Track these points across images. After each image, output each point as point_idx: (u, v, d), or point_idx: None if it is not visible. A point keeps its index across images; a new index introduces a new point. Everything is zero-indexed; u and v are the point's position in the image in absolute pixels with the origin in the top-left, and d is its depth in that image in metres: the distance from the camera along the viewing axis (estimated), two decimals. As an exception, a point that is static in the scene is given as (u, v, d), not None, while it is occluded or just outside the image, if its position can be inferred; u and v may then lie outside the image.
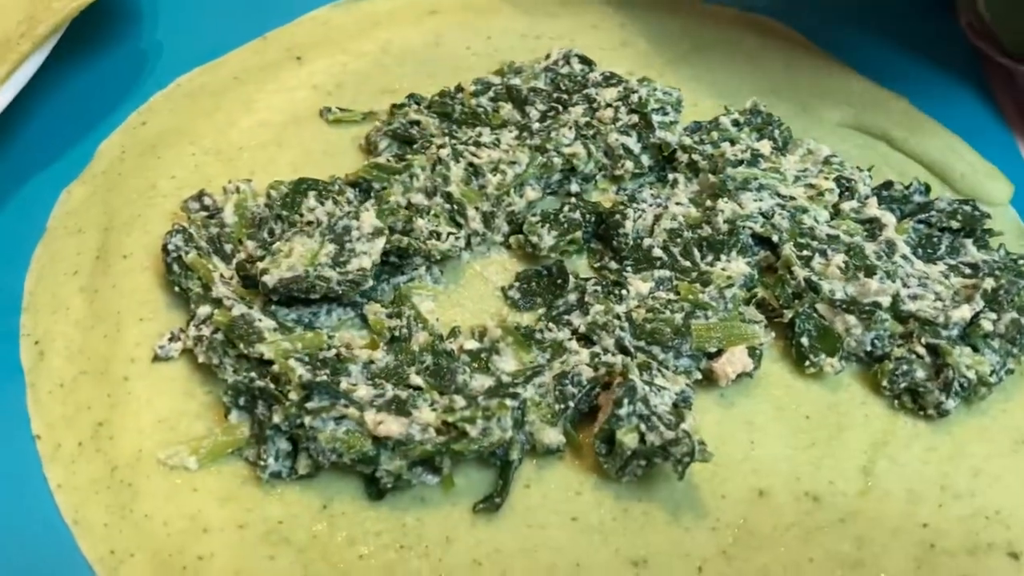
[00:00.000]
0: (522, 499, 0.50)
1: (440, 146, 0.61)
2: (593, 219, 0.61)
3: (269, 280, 0.53)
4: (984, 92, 0.75)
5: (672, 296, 0.55)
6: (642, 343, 0.53)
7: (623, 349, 0.53)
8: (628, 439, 0.48)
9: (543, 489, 0.50)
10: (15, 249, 0.60)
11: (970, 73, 0.76)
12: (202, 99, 0.69)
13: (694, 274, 0.57)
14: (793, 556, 0.48)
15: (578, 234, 0.60)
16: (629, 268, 0.58)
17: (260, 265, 0.54)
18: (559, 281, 0.58)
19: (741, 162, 0.62)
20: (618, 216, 0.60)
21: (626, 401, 0.49)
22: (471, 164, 0.61)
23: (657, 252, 0.58)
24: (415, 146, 0.63)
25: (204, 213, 0.59)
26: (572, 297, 0.57)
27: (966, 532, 0.50)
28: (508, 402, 0.49)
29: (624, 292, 0.56)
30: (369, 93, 0.69)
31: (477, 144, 0.62)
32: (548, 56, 0.71)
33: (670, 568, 0.48)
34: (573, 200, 0.62)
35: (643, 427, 0.49)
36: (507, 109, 0.67)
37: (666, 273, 0.57)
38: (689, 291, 0.55)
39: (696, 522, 0.49)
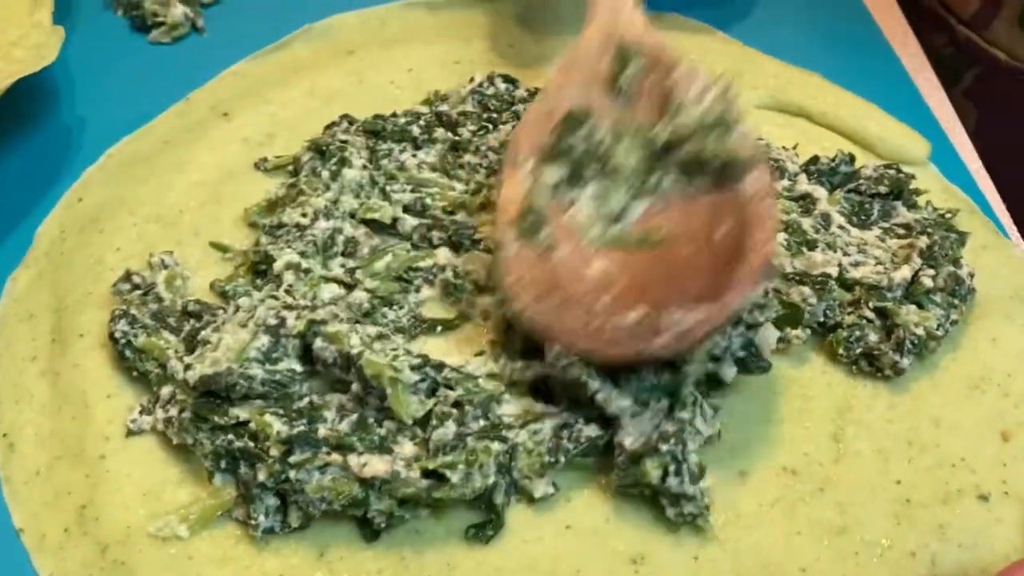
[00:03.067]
0: (514, 515, 0.51)
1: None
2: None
3: (191, 378, 0.51)
4: (890, 58, 0.78)
5: None
6: None
7: None
8: (654, 473, 0.49)
9: (532, 501, 0.51)
10: (-33, 343, 0.59)
11: (874, 42, 0.80)
12: (134, 167, 0.69)
13: None
14: (781, 530, 0.50)
15: None
16: None
17: (186, 360, 0.53)
18: None
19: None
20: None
21: (672, 440, 0.50)
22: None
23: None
24: (331, 159, 0.65)
25: (138, 292, 0.59)
26: None
27: (936, 482, 0.52)
28: (495, 446, 0.50)
29: None
30: (301, 139, 0.70)
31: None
32: (472, 80, 0.72)
33: (668, 560, 0.49)
34: None
35: (671, 468, 0.49)
36: (440, 132, 0.68)
37: None
38: None
39: (685, 512, 0.51)
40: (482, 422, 0.52)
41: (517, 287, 0.52)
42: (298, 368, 0.53)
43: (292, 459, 0.49)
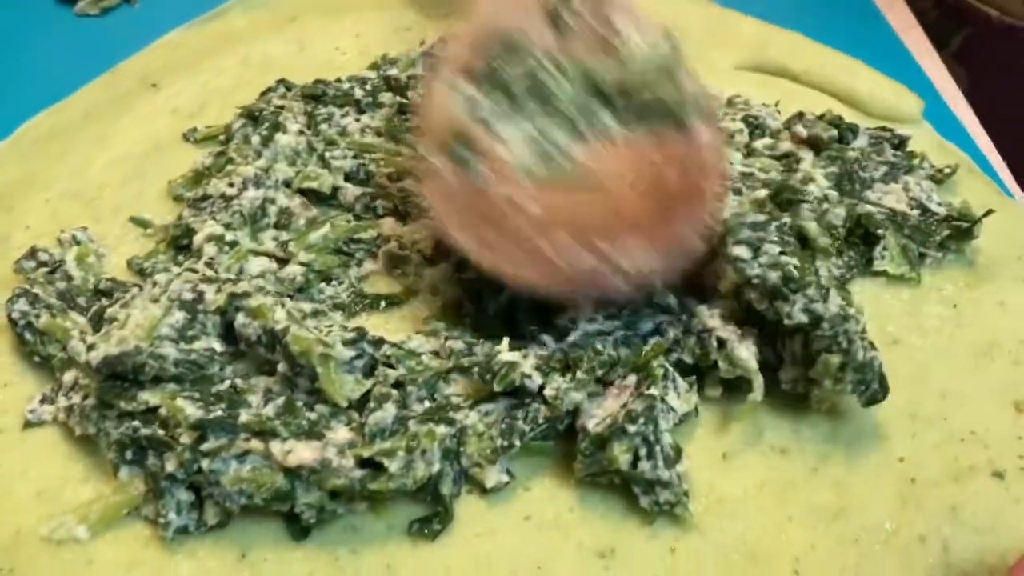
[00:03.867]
0: (464, 505, 0.44)
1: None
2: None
3: (93, 359, 0.44)
4: (875, 16, 0.73)
5: None
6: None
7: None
8: (622, 458, 0.43)
9: (485, 492, 0.45)
10: None
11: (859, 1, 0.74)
12: (51, 143, 0.63)
13: None
14: (771, 517, 0.44)
15: None
16: None
17: (88, 339, 0.47)
18: None
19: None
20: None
21: (642, 420, 0.44)
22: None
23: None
24: (264, 123, 0.59)
25: (44, 269, 0.53)
26: None
27: (945, 459, 0.46)
28: (440, 429, 0.44)
29: None
30: (235, 109, 0.64)
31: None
32: (423, 43, 0.67)
33: (641, 553, 0.43)
34: None
35: (642, 451, 0.43)
36: (387, 96, 0.62)
37: None
38: None
39: (660, 500, 0.44)
40: (427, 404, 0.46)
41: (445, 213, 0.46)
42: (218, 348, 0.47)
43: (205, 446, 0.42)
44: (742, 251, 0.48)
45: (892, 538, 0.43)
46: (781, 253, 0.47)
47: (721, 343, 0.47)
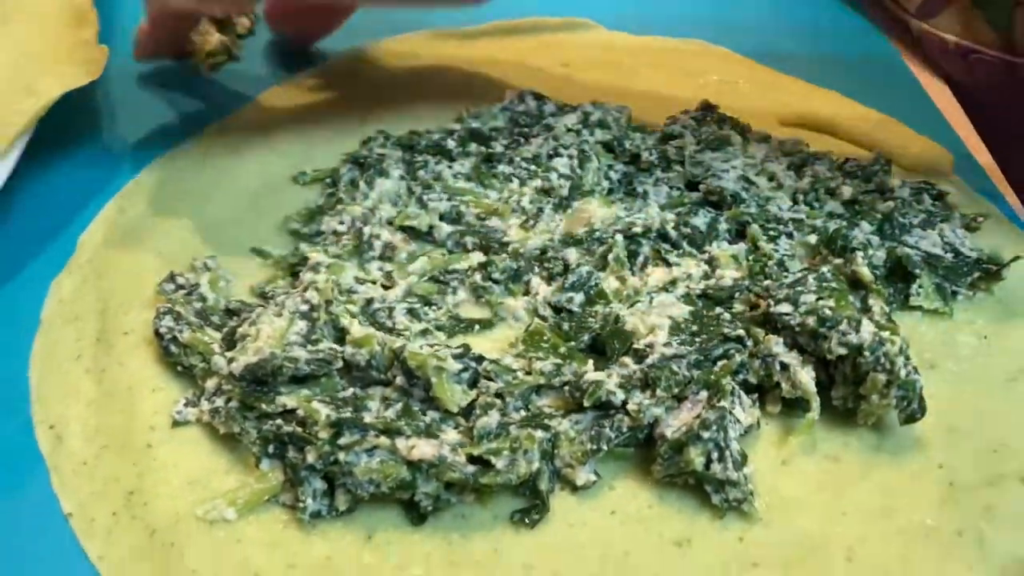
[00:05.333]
0: (558, 502, 0.51)
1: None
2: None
3: (236, 369, 0.52)
4: (904, 74, 0.80)
5: None
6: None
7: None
8: (697, 460, 0.49)
9: (575, 489, 0.51)
10: (12, 344, 0.60)
11: (891, 63, 0.82)
12: (174, 182, 0.71)
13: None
14: (826, 512, 0.50)
15: None
16: None
17: (228, 355, 0.54)
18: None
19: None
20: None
21: (714, 427, 0.50)
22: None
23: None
24: (369, 170, 0.67)
25: (183, 291, 0.60)
26: None
27: (979, 467, 0.52)
28: (538, 434, 0.51)
29: None
30: (338, 154, 0.71)
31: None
32: (504, 98, 0.74)
33: (713, 542, 0.49)
34: None
35: (714, 455, 0.50)
36: (473, 146, 0.70)
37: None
38: None
39: (730, 497, 0.51)
40: (523, 412, 0.53)
41: None
42: (338, 348, 0.54)
43: (341, 441, 0.49)
44: (784, 307, 0.55)
45: (933, 533, 0.49)
46: (818, 299, 0.54)
47: (783, 367, 0.54)
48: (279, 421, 0.51)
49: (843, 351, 0.52)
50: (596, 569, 0.48)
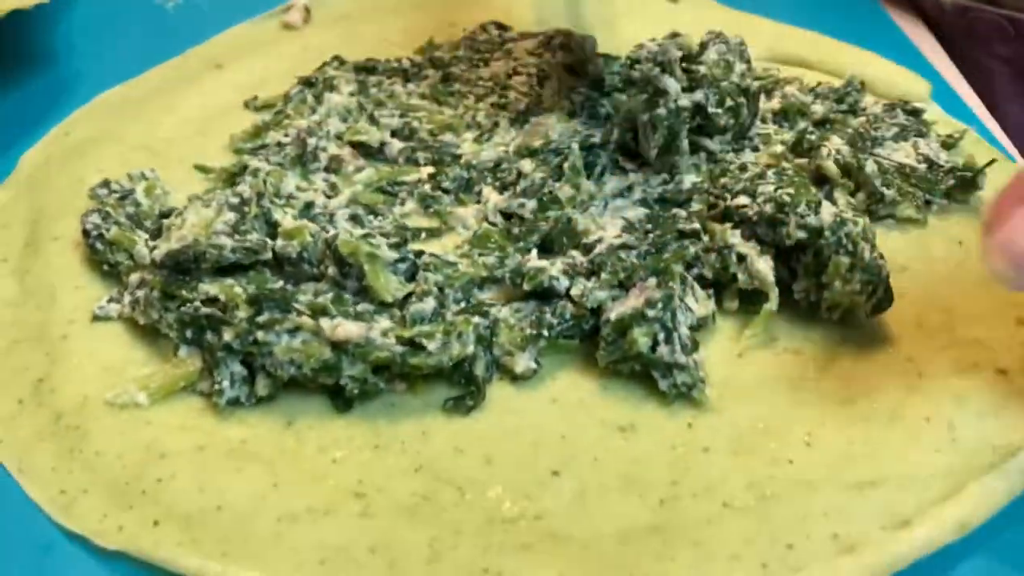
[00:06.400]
0: (497, 389, 0.48)
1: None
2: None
3: (157, 256, 0.49)
4: (878, 13, 0.78)
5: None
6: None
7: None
8: (642, 340, 0.46)
9: (515, 379, 0.48)
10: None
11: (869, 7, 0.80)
12: (124, 109, 0.69)
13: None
14: (784, 400, 0.47)
15: None
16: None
17: (152, 243, 0.52)
18: None
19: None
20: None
21: (660, 306, 0.47)
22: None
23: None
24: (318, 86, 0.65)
25: (116, 195, 0.58)
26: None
27: (950, 359, 0.48)
28: (475, 319, 0.47)
29: None
30: (292, 84, 0.69)
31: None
32: (465, 30, 0.72)
33: (659, 427, 0.45)
34: None
35: (661, 336, 0.46)
36: (431, 71, 0.68)
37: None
38: None
39: (679, 386, 0.47)
40: (463, 304, 0.50)
41: None
42: (269, 241, 0.51)
43: (260, 319, 0.46)
44: (741, 199, 0.52)
45: (898, 419, 0.45)
46: (776, 189, 0.51)
47: (740, 258, 0.51)
48: (198, 303, 0.48)
49: (802, 235, 0.49)
50: (529, 452, 0.44)
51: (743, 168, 0.57)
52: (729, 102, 0.57)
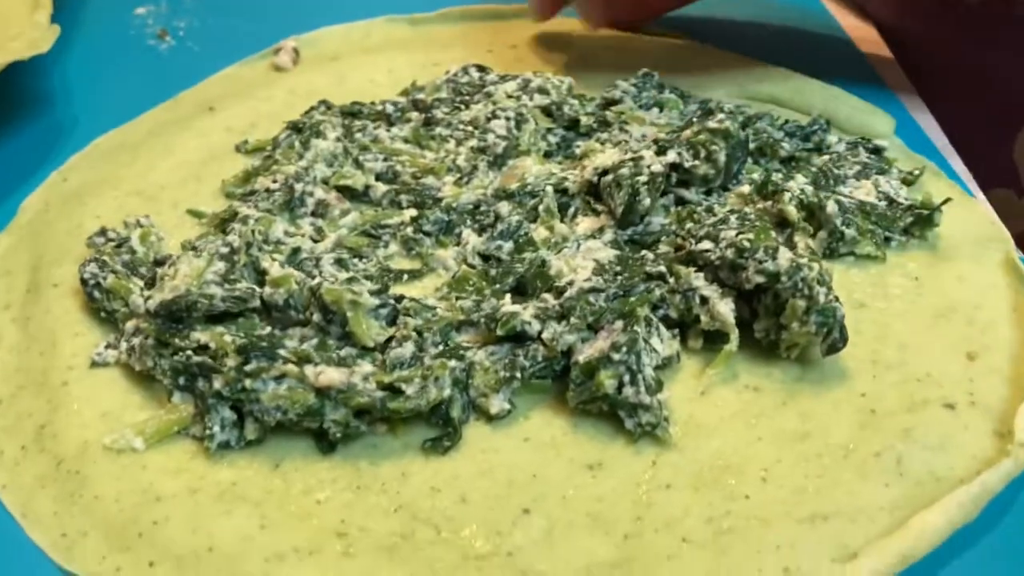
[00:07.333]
0: (472, 429, 0.50)
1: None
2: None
3: (151, 305, 0.52)
4: (846, 45, 0.81)
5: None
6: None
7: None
8: (608, 383, 0.49)
9: (490, 419, 0.51)
10: (-56, 299, 0.60)
11: (836, 40, 0.83)
12: (120, 153, 0.71)
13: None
14: (742, 438, 0.49)
15: None
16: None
17: (146, 293, 0.54)
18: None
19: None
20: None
21: (625, 349, 0.49)
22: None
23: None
24: (306, 132, 0.68)
25: (112, 243, 0.61)
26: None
27: (902, 395, 0.51)
28: (451, 363, 0.50)
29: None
30: (281, 128, 0.72)
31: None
32: (447, 71, 0.75)
33: (625, 465, 0.48)
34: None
35: (626, 377, 0.49)
36: (414, 115, 0.70)
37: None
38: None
39: (645, 424, 0.50)
40: (441, 347, 0.52)
41: None
42: (257, 288, 0.53)
43: (248, 368, 0.49)
44: (705, 244, 0.55)
45: (851, 454, 0.48)
46: (738, 234, 0.54)
47: (704, 300, 0.54)
48: (189, 352, 0.51)
49: (761, 279, 0.52)
50: (503, 491, 0.47)
51: (710, 210, 0.59)
52: (703, 151, 0.60)
